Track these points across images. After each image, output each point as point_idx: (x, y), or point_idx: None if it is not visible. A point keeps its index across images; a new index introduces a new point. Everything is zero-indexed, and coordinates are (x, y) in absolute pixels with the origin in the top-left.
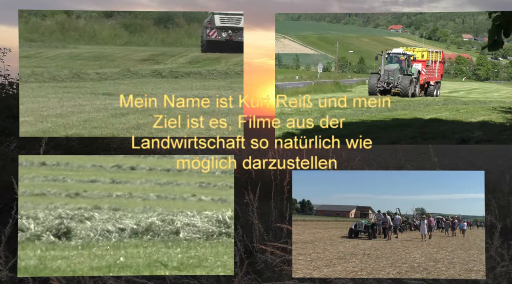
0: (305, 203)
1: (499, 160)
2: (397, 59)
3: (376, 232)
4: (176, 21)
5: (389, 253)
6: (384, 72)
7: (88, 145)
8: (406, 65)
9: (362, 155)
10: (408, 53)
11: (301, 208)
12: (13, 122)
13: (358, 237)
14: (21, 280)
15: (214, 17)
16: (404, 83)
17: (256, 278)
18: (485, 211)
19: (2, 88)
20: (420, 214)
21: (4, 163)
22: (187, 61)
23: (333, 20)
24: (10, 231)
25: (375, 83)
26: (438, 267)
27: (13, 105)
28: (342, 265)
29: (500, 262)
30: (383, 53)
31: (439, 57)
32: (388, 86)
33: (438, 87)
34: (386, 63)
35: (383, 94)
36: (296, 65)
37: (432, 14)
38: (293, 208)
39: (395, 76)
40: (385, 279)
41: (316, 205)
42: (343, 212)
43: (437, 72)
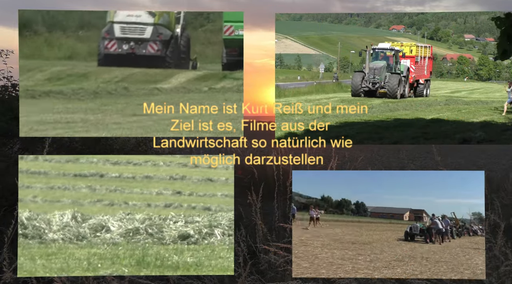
0: (360, 204)
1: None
2: (383, 56)
3: (432, 236)
4: (35, 28)
5: (449, 258)
6: (369, 70)
7: (91, 147)
8: (394, 62)
9: (365, 154)
10: (396, 48)
11: (356, 209)
12: (16, 124)
13: (414, 240)
14: (25, 281)
15: (113, 27)
16: (392, 83)
17: (260, 279)
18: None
19: (5, 90)
20: (478, 219)
21: (7, 164)
22: (46, 78)
23: (335, 20)
24: (13, 232)
25: (359, 83)
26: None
27: (16, 107)
28: (401, 268)
29: (504, 261)
30: (367, 48)
31: (428, 52)
32: (373, 86)
33: (427, 86)
34: (372, 60)
35: (368, 95)
36: (298, 65)
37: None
38: (348, 209)
39: (382, 75)
40: (389, 279)
41: (370, 207)
42: (397, 215)
43: (426, 69)
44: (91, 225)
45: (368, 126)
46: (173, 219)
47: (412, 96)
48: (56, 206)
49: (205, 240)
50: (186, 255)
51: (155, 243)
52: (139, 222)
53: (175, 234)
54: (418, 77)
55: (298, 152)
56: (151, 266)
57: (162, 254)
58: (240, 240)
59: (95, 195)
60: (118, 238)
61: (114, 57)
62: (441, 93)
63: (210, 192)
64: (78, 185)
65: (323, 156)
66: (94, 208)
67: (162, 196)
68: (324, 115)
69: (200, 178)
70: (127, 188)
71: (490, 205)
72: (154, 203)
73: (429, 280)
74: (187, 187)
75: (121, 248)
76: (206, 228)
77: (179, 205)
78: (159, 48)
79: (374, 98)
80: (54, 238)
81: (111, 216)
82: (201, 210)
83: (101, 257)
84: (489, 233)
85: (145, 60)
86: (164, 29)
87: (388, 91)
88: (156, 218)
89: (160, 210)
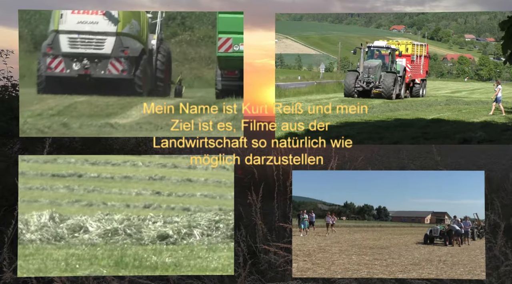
0: (381, 209)
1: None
2: (378, 54)
3: (452, 238)
4: None
5: (467, 260)
6: (363, 69)
7: (91, 147)
8: (389, 61)
9: (365, 154)
10: (393, 46)
11: (378, 214)
12: (16, 124)
13: (434, 243)
14: (25, 281)
15: (58, 38)
16: (388, 83)
17: (260, 279)
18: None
19: (5, 90)
20: None
21: (7, 164)
22: None
23: (335, 20)
24: (12, 232)
25: (353, 82)
26: None
27: (16, 106)
28: (417, 271)
29: (504, 261)
30: (362, 46)
31: (424, 51)
32: (368, 86)
33: (424, 85)
34: (366, 59)
35: (362, 96)
36: (298, 65)
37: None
38: (370, 214)
39: (377, 74)
40: (389, 279)
41: (392, 211)
42: (418, 218)
43: (423, 68)
44: (69, 225)
45: (368, 126)
46: (152, 219)
47: (408, 97)
48: (34, 206)
49: (184, 240)
50: (164, 255)
51: (133, 244)
52: (118, 223)
53: (154, 234)
54: (414, 76)
55: (298, 152)
56: (129, 266)
57: (140, 255)
58: (240, 240)
59: (73, 195)
60: (96, 238)
61: (60, 81)
62: (441, 93)
63: (190, 192)
64: (56, 185)
65: (323, 156)
66: (72, 208)
67: (141, 197)
68: (324, 115)
69: (179, 179)
70: (106, 188)
71: (490, 205)
72: (133, 203)
73: (429, 280)
74: (166, 188)
75: (99, 248)
76: (185, 228)
77: (158, 205)
78: (125, 68)
79: (374, 98)
80: (31, 238)
81: (89, 217)
82: (180, 211)
83: (79, 258)
84: (489, 233)
85: (105, 85)
86: (131, 40)
87: (383, 91)
88: (135, 219)
89: (139, 210)
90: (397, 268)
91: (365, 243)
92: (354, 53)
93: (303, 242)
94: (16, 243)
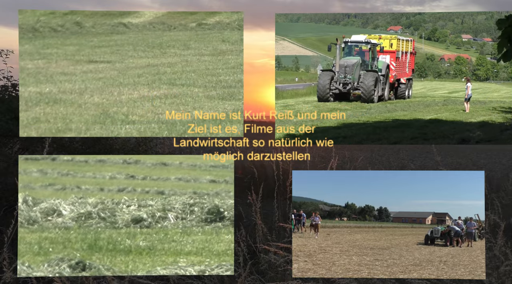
0: (382, 210)
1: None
2: (358, 50)
3: (452, 239)
4: None
5: (467, 261)
6: (339, 68)
7: (91, 146)
8: (370, 58)
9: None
10: (373, 41)
11: (379, 215)
12: (16, 124)
13: (435, 244)
14: (25, 281)
15: None
16: (368, 83)
17: (260, 279)
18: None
19: (5, 90)
20: None
21: (7, 164)
22: None
23: (333, 21)
24: (13, 232)
25: (327, 84)
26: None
27: (16, 106)
28: (418, 272)
29: (504, 261)
30: (338, 41)
31: (410, 47)
32: (344, 88)
33: (410, 85)
34: (343, 56)
35: (338, 99)
36: (295, 66)
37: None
38: (371, 215)
39: (355, 74)
40: (389, 279)
41: (393, 212)
42: (419, 219)
43: (408, 66)
44: (43, 209)
45: (366, 127)
46: (126, 203)
47: (393, 98)
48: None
49: (158, 224)
50: (138, 239)
51: (107, 227)
52: (92, 206)
53: (128, 217)
54: (400, 75)
55: (297, 152)
56: (103, 250)
57: (114, 238)
58: (240, 240)
59: (47, 179)
60: (70, 222)
61: None
62: (439, 94)
63: (164, 176)
64: (29, 169)
65: (323, 156)
66: (46, 192)
67: (115, 180)
68: (323, 116)
69: (154, 162)
70: (80, 172)
71: (490, 205)
72: (107, 187)
73: (429, 280)
74: (140, 171)
75: (73, 232)
76: (159, 211)
77: (133, 189)
78: None
79: (354, 101)
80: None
81: (63, 200)
82: (154, 194)
83: (52, 241)
84: (489, 233)
85: None
86: None
87: (363, 93)
88: (108, 202)
89: (113, 194)
90: (398, 268)
91: (365, 243)
92: (329, 50)
93: (304, 243)
94: (16, 243)
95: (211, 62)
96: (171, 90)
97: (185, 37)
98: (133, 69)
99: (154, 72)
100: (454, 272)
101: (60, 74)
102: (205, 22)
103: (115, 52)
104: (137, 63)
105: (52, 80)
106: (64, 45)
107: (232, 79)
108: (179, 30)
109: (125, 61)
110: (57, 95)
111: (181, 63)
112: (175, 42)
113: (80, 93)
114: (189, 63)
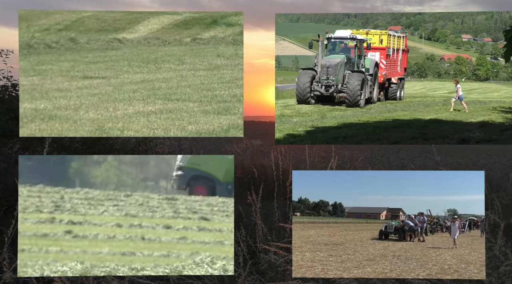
0: (337, 205)
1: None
2: (343, 47)
3: (405, 234)
4: None
5: (419, 255)
6: (321, 68)
7: (91, 146)
8: (356, 56)
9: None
10: (360, 37)
11: (333, 210)
12: (16, 124)
13: (388, 239)
14: (25, 281)
15: None
16: (353, 85)
17: (260, 279)
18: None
19: (5, 90)
20: (452, 215)
21: (7, 164)
22: None
23: (332, 21)
24: (13, 232)
25: (307, 85)
26: (470, 269)
27: (16, 107)
28: (372, 267)
29: (504, 261)
30: (320, 37)
31: (402, 43)
32: (327, 91)
33: (402, 85)
34: (326, 54)
35: (321, 101)
36: (295, 67)
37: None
38: (325, 211)
39: (339, 74)
40: (389, 279)
41: (347, 207)
42: (374, 214)
43: (400, 65)
44: None
45: (366, 127)
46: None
47: (383, 99)
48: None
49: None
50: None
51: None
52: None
53: None
54: (390, 75)
55: (298, 152)
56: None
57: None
58: (240, 240)
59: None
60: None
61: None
62: (439, 94)
63: None
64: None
65: (323, 156)
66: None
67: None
68: (322, 116)
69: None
70: None
71: (490, 205)
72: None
73: (429, 280)
74: None
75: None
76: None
77: None
78: None
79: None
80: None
81: None
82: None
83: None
84: (489, 233)
85: None
86: None
87: (348, 95)
88: None
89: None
90: (352, 264)
91: (319, 239)
92: (310, 48)
93: None
94: (16, 243)
95: (206, 77)
96: (166, 105)
97: (179, 52)
98: (128, 85)
99: (149, 88)
100: (406, 266)
101: (55, 90)
102: (199, 37)
103: (110, 67)
104: (132, 78)
105: (47, 96)
106: (59, 61)
107: (228, 93)
108: (174, 45)
109: (120, 76)
110: (52, 111)
111: (176, 78)
112: (170, 57)
113: (75, 109)
114: (184, 78)
